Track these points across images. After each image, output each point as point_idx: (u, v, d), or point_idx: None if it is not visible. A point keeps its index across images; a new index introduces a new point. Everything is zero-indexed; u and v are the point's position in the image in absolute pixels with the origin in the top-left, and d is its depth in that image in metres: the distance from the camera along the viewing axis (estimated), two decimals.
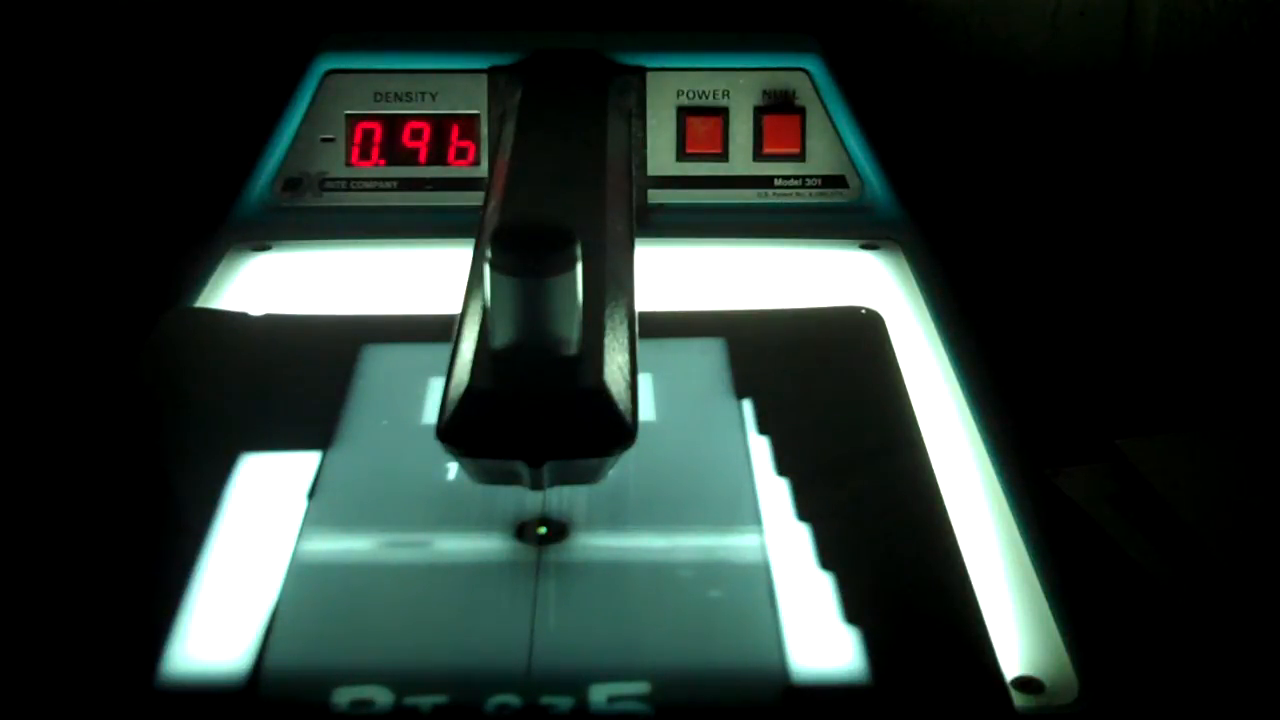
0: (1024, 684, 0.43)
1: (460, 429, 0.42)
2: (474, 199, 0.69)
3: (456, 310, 0.48)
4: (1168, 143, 0.83)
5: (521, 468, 0.42)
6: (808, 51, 0.70)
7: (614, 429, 0.42)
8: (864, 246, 0.67)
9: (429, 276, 0.64)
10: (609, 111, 0.64)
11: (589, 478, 0.44)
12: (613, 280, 0.48)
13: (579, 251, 0.42)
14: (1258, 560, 0.54)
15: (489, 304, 0.42)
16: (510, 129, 0.62)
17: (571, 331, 0.42)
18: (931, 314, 0.61)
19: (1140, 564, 0.55)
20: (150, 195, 0.80)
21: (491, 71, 0.69)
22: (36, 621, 0.43)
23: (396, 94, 0.69)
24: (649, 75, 0.69)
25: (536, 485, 0.43)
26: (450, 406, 0.42)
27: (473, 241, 0.53)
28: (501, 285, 0.42)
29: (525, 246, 0.41)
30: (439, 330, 0.56)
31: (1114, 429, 0.62)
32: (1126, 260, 0.79)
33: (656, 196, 0.69)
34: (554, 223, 0.42)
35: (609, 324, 0.45)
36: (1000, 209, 0.81)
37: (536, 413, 0.42)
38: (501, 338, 0.42)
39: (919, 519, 0.47)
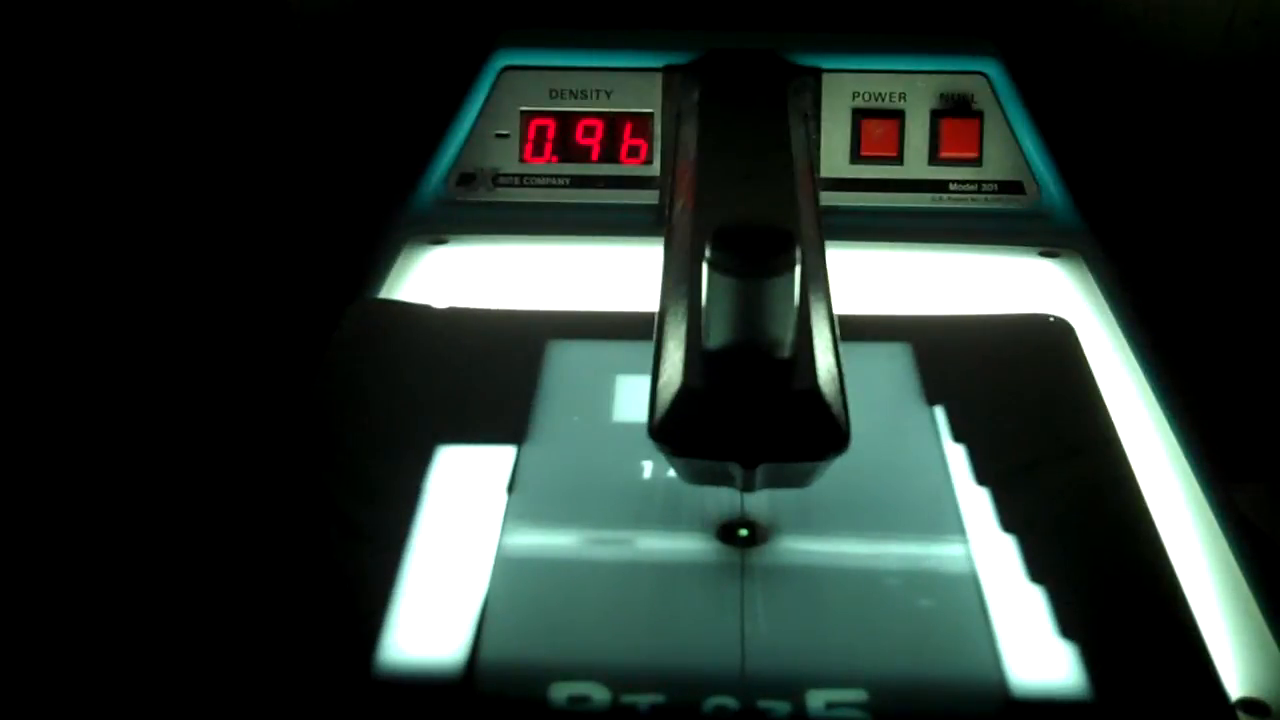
0: (1248, 706, 0.42)
1: (673, 428, 0.42)
2: (645, 197, 0.69)
3: (635, 307, 0.47)
4: None
5: (734, 469, 0.42)
6: (986, 55, 0.69)
7: (828, 433, 0.42)
8: (1043, 254, 0.66)
9: (601, 273, 0.64)
10: (790, 113, 0.63)
11: (800, 482, 0.44)
12: (813, 283, 0.48)
13: (799, 254, 0.41)
14: None
15: (705, 304, 0.42)
16: (691, 128, 0.62)
17: (787, 334, 0.42)
18: (1119, 324, 0.60)
19: None
20: (327, 189, 0.81)
21: (666, 70, 0.69)
22: (255, 616, 0.43)
23: (571, 91, 0.70)
24: (825, 76, 0.68)
25: (748, 487, 0.43)
26: (663, 405, 0.42)
27: (645, 239, 0.52)
28: (720, 285, 0.41)
29: (748, 248, 0.41)
30: (621, 327, 0.56)
31: None
32: None
33: (830, 199, 0.69)
34: (774, 224, 0.42)
35: (815, 327, 0.45)
36: (1179, 217, 0.80)
37: (751, 414, 0.42)
38: (717, 338, 0.42)
39: (1127, 531, 0.47)
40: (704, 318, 0.42)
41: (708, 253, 0.41)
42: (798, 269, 0.42)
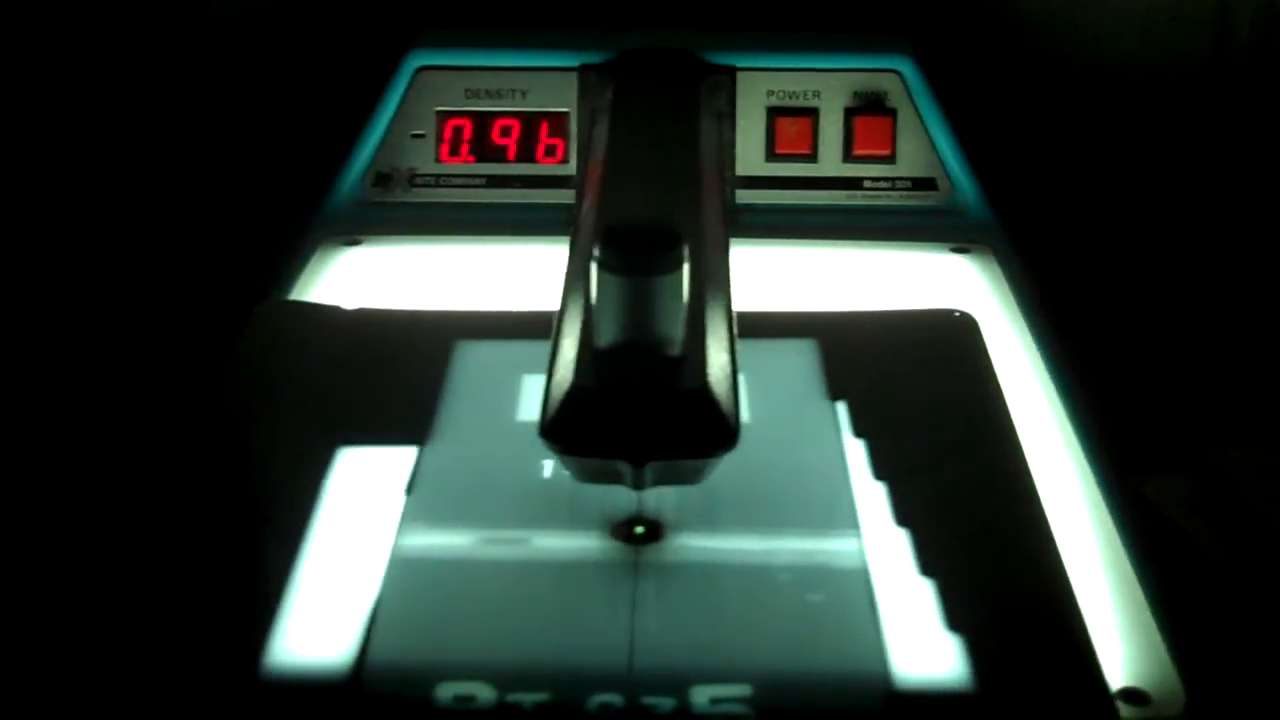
0: (1129, 695, 0.42)
1: (563, 427, 0.42)
2: (563, 196, 0.69)
3: (547, 307, 0.48)
4: (1260, 146, 0.81)
5: (624, 467, 0.42)
6: (899, 53, 0.69)
7: (717, 430, 0.42)
8: (955, 250, 0.67)
9: (518, 273, 0.64)
10: (701, 111, 0.64)
11: (690, 479, 0.44)
12: (711, 281, 0.48)
13: (686, 252, 0.42)
14: None
15: (595, 303, 0.42)
16: (603, 127, 0.62)
17: (676, 331, 0.42)
18: (1026, 319, 0.61)
19: (1233, 573, 0.54)
20: (242, 189, 0.81)
21: (582, 69, 0.69)
22: (141, 616, 0.43)
23: (487, 91, 0.70)
24: (739, 75, 0.69)
25: (638, 485, 0.43)
26: (553, 404, 0.42)
27: (562, 238, 0.53)
28: (608, 284, 0.42)
29: (634, 246, 0.41)
30: (530, 327, 0.56)
31: (1203, 438, 0.61)
32: (1217, 266, 0.78)
33: (744, 197, 0.69)
34: (661, 223, 0.42)
35: (710, 324, 0.45)
36: (1091, 213, 0.80)
37: (640, 412, 0.42)
38: (606, 336, 0.42)
39: (1018, 524, 0.47)
40: (594, 317, 0.43)
41: (596, 251, 0.42)
42: (685, 267, 0.42)
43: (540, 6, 0.78)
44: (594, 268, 0.42)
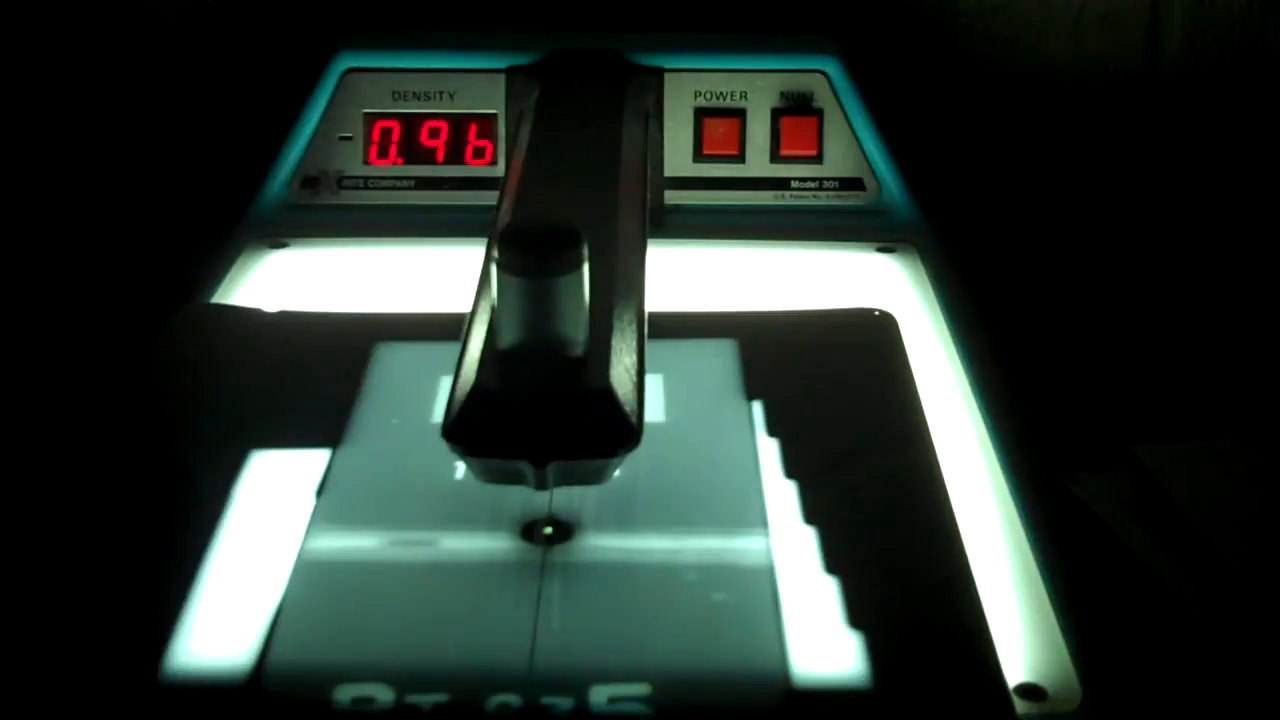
0: (1026, 691, 0.42)
1: (465, 428, 0.42)
2: (491, 198, 0.68)
3: (469, 309, 0.48)
4: (1190, 148, 0.82)
5: (525, 468, 0.42)
6: (826, 53, 0.70)
7: (618, 430, 0.42)
8: (880, 249, 0.67)
9: (445, 275, 0.64)
10: (625, 112, 0.64)
11: (594, 478, 0.44)
12: (623, 281, 0.48)
13: (585, 252, 0.42)
14: (1273, 570, 0.54)
15: (496, 304, 0.42)
16: (526, 129, 0.62)
17: (577, 332, 0.42)
18: (946, 317, 0.61)
19: (1154, 571, 0.55)
20: (169, 192, 0.81)
21: (509, 71, 0.69)
22: (42, 617, 0.43)
23: (415, 93, 0.70)
24: (667, 76, 0.69)
25: (541, 485, 0.43)
26: (456, 406, 0.43)
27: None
28: (507, 285, 0.42)
29: (531, 246, 0.41)
30: (453, 329, 0.56)
31: (1130, 436, 0.61)
32: (1145, 266, 0.78)
33: (673, 197, 0.69)
34: (560, 222, 0.42)
35: (617, 325, 0.45)
36: (1018, 213, 0.81)
37: (541, 413, 0.42)
38: (508, 338, 0.42)
39: (926, 523, 0.47)
40: (496, 318, 0.43)
41: (495, 252, 0.42)
42: (585, 267, 0.42)
43: (468, 8, 0.78)
44: (493, 268, 0.42)
